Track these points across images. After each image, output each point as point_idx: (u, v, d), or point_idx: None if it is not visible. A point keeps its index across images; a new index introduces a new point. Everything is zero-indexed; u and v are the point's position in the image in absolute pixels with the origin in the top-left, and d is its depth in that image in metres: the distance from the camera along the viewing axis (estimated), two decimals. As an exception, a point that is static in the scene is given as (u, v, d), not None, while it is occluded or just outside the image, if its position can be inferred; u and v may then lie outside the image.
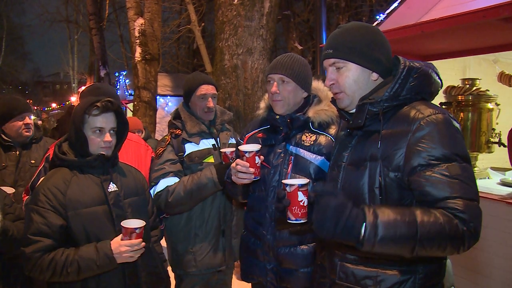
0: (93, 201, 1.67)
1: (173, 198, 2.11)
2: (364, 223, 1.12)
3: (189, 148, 2.22)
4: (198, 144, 2.21)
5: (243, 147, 1.72)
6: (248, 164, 1.69)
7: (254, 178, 1.72)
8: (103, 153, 1.71)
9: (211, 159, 2.20)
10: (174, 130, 2.28)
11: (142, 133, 4.46)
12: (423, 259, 1.25)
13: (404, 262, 1.26)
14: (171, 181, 2.15)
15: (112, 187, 1.74)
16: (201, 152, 2.21)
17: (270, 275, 1.86)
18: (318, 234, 1.17)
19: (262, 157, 1.74)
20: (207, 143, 2.25)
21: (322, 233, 1.15)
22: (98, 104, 1.68)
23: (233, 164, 1.76)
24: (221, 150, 2.08)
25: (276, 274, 1.85)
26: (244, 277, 2.02)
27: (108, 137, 1.71)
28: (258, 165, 1.71)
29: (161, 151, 2.25)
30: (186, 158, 2.20)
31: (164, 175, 2.16)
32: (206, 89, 2.22)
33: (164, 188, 2.13)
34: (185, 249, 2.21)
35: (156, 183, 2.16)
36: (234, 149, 2.01)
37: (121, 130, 1.80)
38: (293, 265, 1.80)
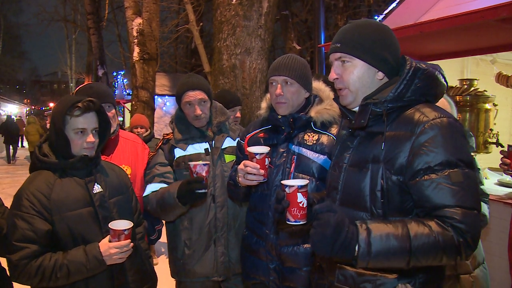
0: (78, 204, 1.63)
1: (150, 208, 2.11)
2: (358, 241, 1.13)
3: (178, 152, 2.17)
4: (184, 150, 2.15)
5: (254, 149, 1.71)
6: (258, 166, 1.69)
7: (263, 180, 1.72)
8: (86, 154, 1.67)
9: None
10: (167, 135, 2.26)
11: (146, 130, 4.46)
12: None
13: None
14: (156, 186, 2.12)
15: (97, 188, 1.70)
16: (189, 157, 2.14)
17: (273, 275, 1.86)
18: (316, 253, 1.19)
19: (269, 159, 1.74)
20: (198, 148, 2.17)
21: (320, 252, 1.16)
22: (80, 104, 1.63)
23: (241, 166, 1.74)
24: (188, 162, 1.94)
25: (279, 273, 1.85)
26: (245, 277, 2.01)
27: (90, 137, 1.66)
28: (267, 167, 1.72)
29: (151, 155, 2.25)
30: (174, 163, 2.16)
31: (151, 179, 2.15)
32: (191, 95, 2.11)
33: (149, 194, 2.12)
34: (176, 256, 2.19)
35: (145, 187, 2.17)
36: (199, 162, 1.89)
37: (103, 129, 1.76)
38: (296, 264, 1.80)
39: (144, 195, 2.15)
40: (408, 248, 1.12)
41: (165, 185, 2.12)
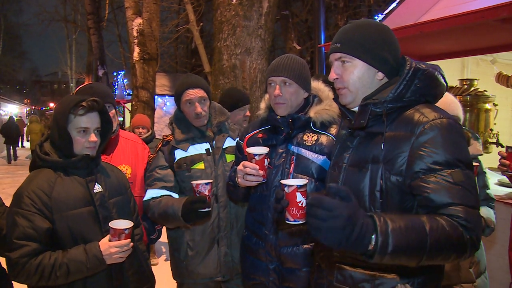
0: (79, 203, 1.64)
1: (150, 215, 2.11)
2: (374, 235, 1.03)
3: (179, 154, 2.15)
4: (186, 150, 2.14)
5: (253, 150, 1.70)
6: (258, 167, 1.68)
7: (262, 181, 1.72)
8: (88, 153, 1.68)
9: (201, 165, 2.13)
10: (166, 136, 2.26)
11: (148, 131, 4.46)
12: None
13: (403, 266, 1.25)
14: (157, 192, 2.12)
15: (97, 187, 1.71)
16: (190, 158, 2.14)
17: (273, 275, 1.86)
18: (325, 243, 1.03)
19: (268, 159, 1.74)
20: (199, 148, 2.16)
21: (330, 243, 1.02)
22: (84, 103, 1.64)
23: (240, 167, 1.73)
24: (191, 181, 1.91)
25: (279, 273, 1.84)
26: (245, 278, 2.01)
27: (93, 137, 1.67)
28: (266, 167, 1.71)
29: (151, 158, 2.24)
30: (175, 165, 2.14)
31: (152, 184, 2.14)
32: (191, 93, 2.11)
33: (150, 199, 2.12)
34: (179, 258, 2.19)
35: (146, 190, 2.17)
36: (202, 181, 1.87)
37: (105, 129, 1.77)
38: (296, 264, 1.79)
39: (144, 199, 2.15)
40: (425, 243, 1.06)
41: (166, 192, 2.12)
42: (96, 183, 1.71)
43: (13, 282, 1.80)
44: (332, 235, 1.01)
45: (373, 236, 1.03)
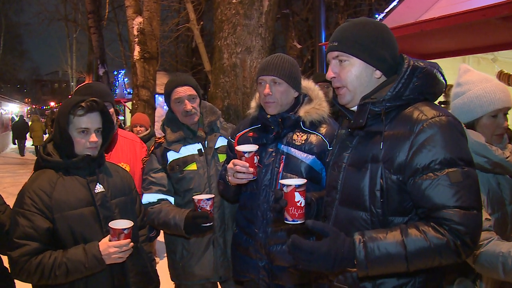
0: (80, 203, 1.65)
1: (150, 222, 2.11)
2: (355, 256, 1.16)
3: (171, 156, 2.14)
4: (178, 152, 2.13)
5: (242, 148, 1.71)
6: (247, 164, 1.69)
7: (252, 178, 1.72)
8: (89, 153, 1.69)
9: (193, 166, 2.12)
10: (158, 139, 2.25)
11: (146, 129, 4.46)
12: None
13: None
14: (153, 197, 2.12)
15: (99, 188, 1.71)
16: (183, 159, 2.13)
17: (262, 273, 1.87)
18: (318, 271, 1.24)
19: (258, 157, 1.75)
20: (191, 149, 2.15)
21: (321, 271, 1.21)
22: (83, 104, 1.65)
23: (230, 165, 1.74)
24: (193, 196, 1.92)
25: (268, 271, 1.85)
26: (236, 275, 2.02)
27: (93, 137, 1.68)
28: (256, 165, 1.72)
29: (145, 160, 2.24)
30: (168, 167, 2.13)
31: (147, 188, 2.14)
32: (180, 91, 2.11)
33: (147, 204, 2.12)
34: (175, 259, 2.19)
35: (142, 194, 2.16)
36: (203, 197, 1.87)
37: (107, 129, 1.77)
38: (285, 262, 1.80)
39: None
40: (404, 255, 1.13)
41: (162, 195, 2.12)
42: (98, 183, 1.72)
43: (16, 281, 1.82)
44: (319, 267, 1.18)
45: (355, 258, 1.16)
